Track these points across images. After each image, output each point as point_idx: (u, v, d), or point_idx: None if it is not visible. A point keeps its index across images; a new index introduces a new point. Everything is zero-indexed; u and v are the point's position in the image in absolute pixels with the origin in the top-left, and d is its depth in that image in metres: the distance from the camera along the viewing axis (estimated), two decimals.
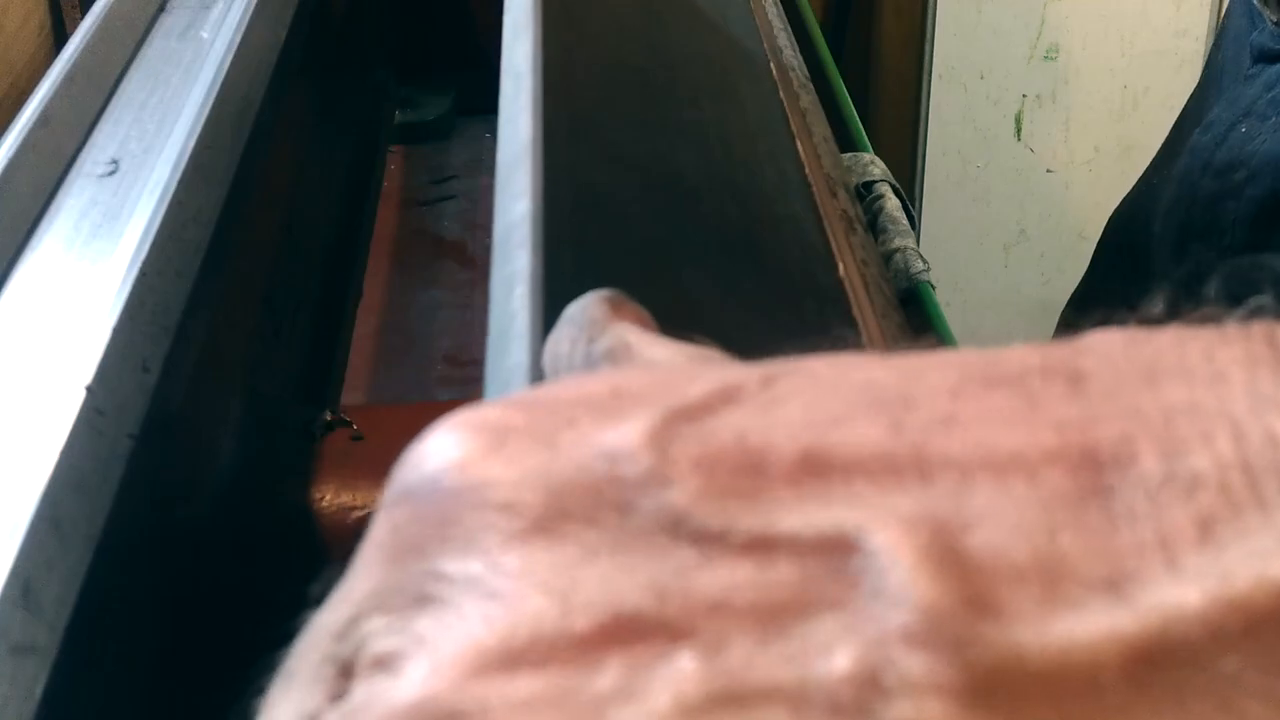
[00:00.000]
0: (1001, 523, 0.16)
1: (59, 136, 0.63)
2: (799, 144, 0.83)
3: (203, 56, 0.73)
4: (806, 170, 0.78)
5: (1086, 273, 0.70)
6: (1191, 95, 0.63)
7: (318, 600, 0.22)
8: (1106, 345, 0.20)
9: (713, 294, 0.57)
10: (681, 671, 0.15)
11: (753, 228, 0.66)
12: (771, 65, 0.91)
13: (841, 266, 0.77)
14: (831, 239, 0.77)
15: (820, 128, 0.97)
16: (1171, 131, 0.63)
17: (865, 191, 0.97)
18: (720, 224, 0.63)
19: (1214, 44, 0.62)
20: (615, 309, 0.27)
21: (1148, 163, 2.34)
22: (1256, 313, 0.19)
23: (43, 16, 1.26)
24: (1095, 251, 0.69)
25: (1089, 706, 0.15)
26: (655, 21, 0.79)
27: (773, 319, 0.60)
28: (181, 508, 0.57)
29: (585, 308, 0.27)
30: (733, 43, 0.88)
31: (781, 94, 0.88)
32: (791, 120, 0.92)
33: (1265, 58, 0.57)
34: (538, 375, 0.33)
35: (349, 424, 0.77)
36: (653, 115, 0.68)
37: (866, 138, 1.11)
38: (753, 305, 0.59)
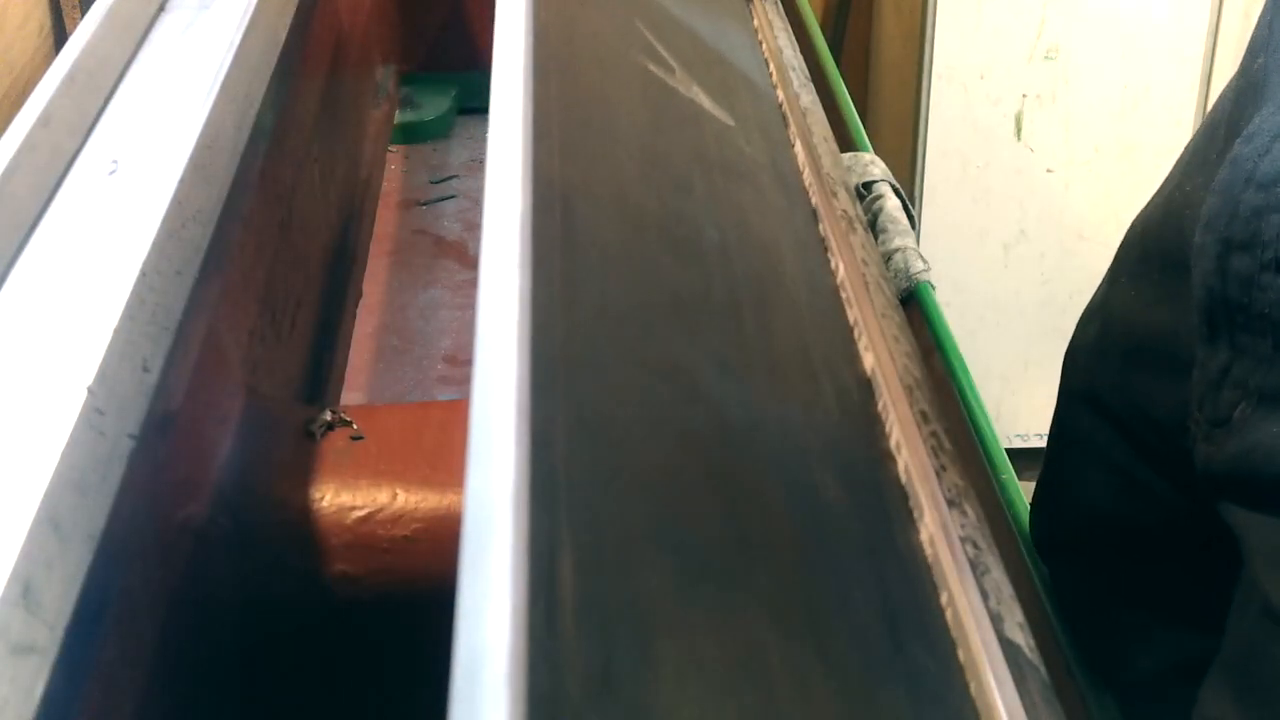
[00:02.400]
0: None
1: (59, 136, 0.63)
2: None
3: (203, 56, 0.73)
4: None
5: (1106, 282, 0.70)
6: (1224, 100, 0.63)
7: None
8: None
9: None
10: None
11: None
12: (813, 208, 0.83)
13: (842, 268, 0.77)
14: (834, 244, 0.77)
15: (820, 128, 0.97)
16: (1200, 139, 0.63)
17: (865, 191, 0.98)
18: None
19: (1249, 51, 0.62)
20: None
21: (1148, 162, 2.33)
22: None
23: (43, 16, 1.26)
24: (1117, 261, 0.69)
25: None
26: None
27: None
28: (181, 508, 0.57)
29: None
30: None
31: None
32: (792, 119, 0.92)
33: None
34: None
35: (349, 424, 0.77)
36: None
37: (866, 138, 1.11)
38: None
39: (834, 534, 0.54)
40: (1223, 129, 0.60)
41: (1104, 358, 0.68)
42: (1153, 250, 0.63)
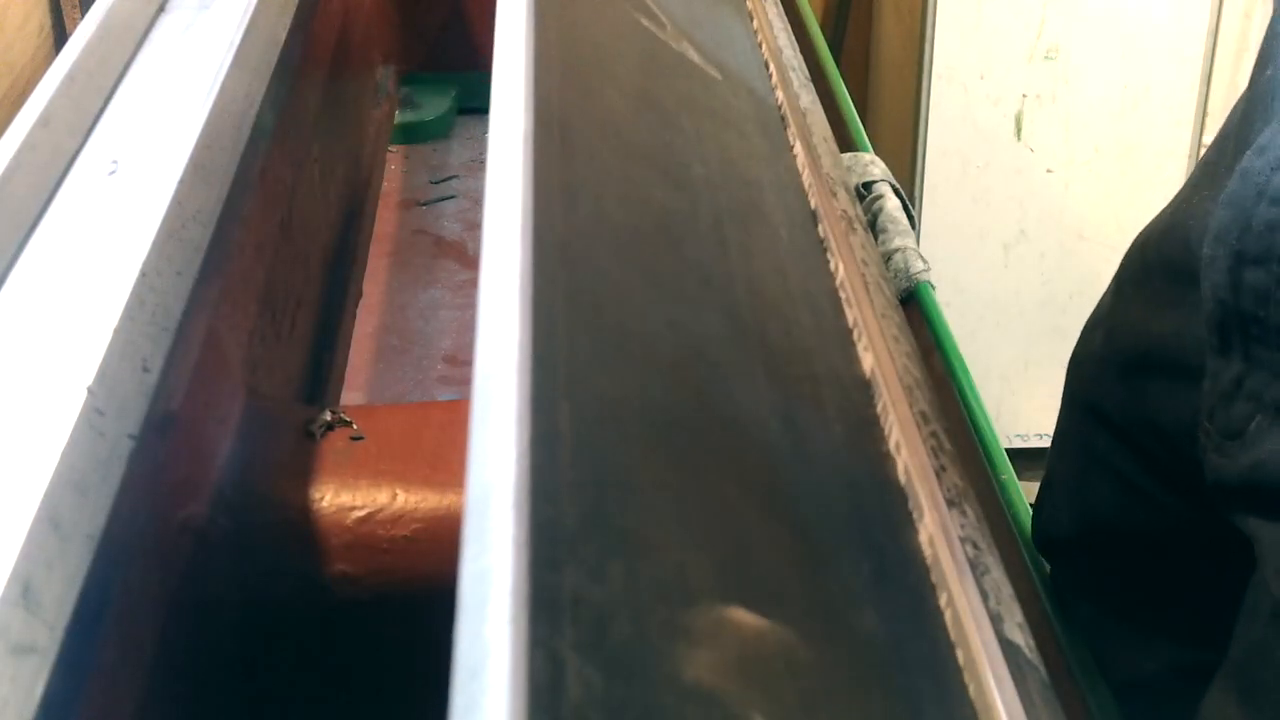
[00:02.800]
0: None
1: (59, 136, 0.63)
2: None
3: (203, 56, 0.73)
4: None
5: (1111, 292, 0.70)
6: (1234, 113, 0.63)
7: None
8: None
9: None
10: None
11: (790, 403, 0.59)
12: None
13: (841, 268, 0.77)
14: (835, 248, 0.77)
15: (820, 128, 0.97)
16: (1211, 151, 0.63)
17: (865, 191, 0.97)
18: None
19: (1258, 63, 0.62)
20: None
21: (1148, 162, 2.33)
22: None
23: (43, 16, 1.26)
24: (1120, 271, 0.69)
25: None
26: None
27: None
28: (181, 508, 0.57)
29: None
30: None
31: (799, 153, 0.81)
32: (792, 119, 0.92)
33: None
34: None
35: (349, 424, 0.77)
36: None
37: (866, 138, 1.11)
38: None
39: (833, 534, 0.54)
40: (1231, 141, 0.60)
41: (1108, 367, 0.68)
42: (1154, 261, 0.63)
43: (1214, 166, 0.60)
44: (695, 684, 0.39)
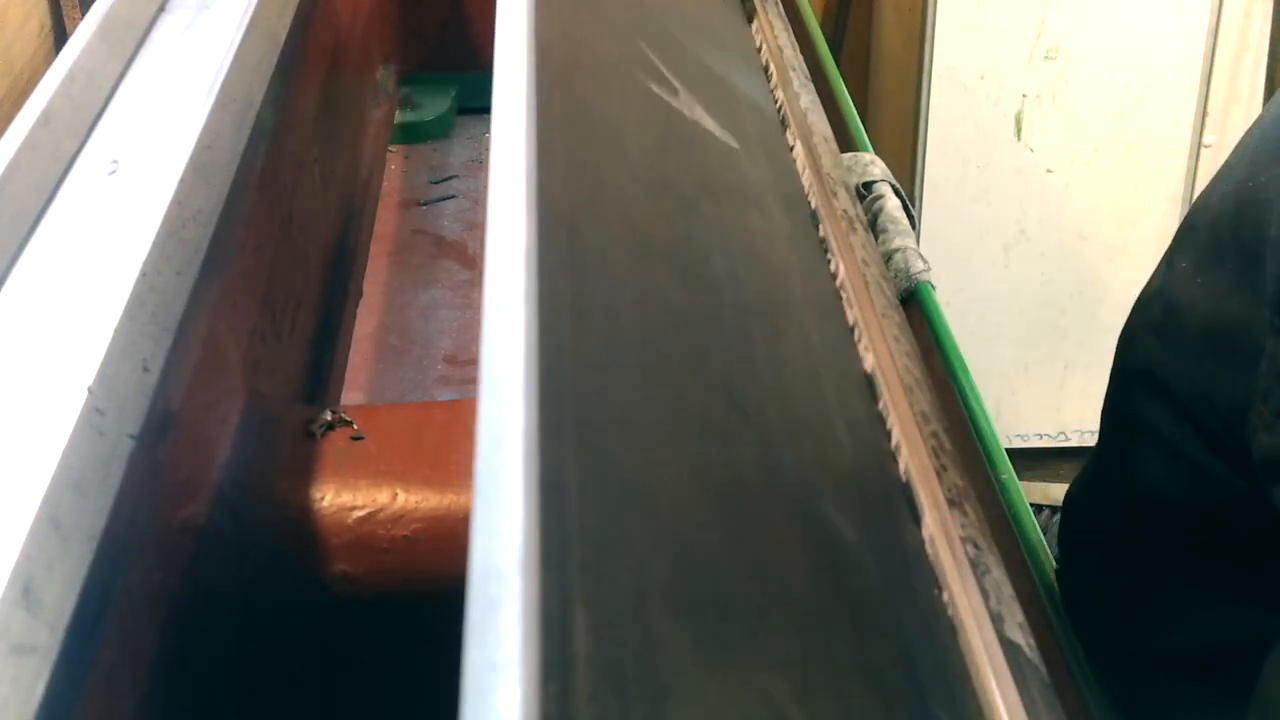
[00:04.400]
0: None
1: (59, 136, 0.63)
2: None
3: (203, 57, 0.73)
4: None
5: (1164, 265, 0.70)
6: None
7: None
8: None
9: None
10: None
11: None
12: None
13: (842, 268, 0.77)
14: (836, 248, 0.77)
15: (820, 128, 0.97)
16: (1269, 127, 0.63)
17: (865, 191, 0.98)
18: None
19: None
20: None
21: (1148, 162, 2.33)
22: None
23: (43, 16, 1.26)
24: (1178, 244, 0.68)
25: None
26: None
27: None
28: (181, 508, 0.57)
29: None
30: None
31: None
32: (792, 119, 0.92)
33: None
34: None
35: (349, 424, 0.77)
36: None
37: (866, 138, 1.11)
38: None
39: (836, 537, 0.54)
40: None
41: (1169, 341, 0.67)
42: (1226, 240, 0.63)
43: (1278, 144, 0.60)
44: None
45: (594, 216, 0.55)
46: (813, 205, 0.84)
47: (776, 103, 0.97)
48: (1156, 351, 0.69)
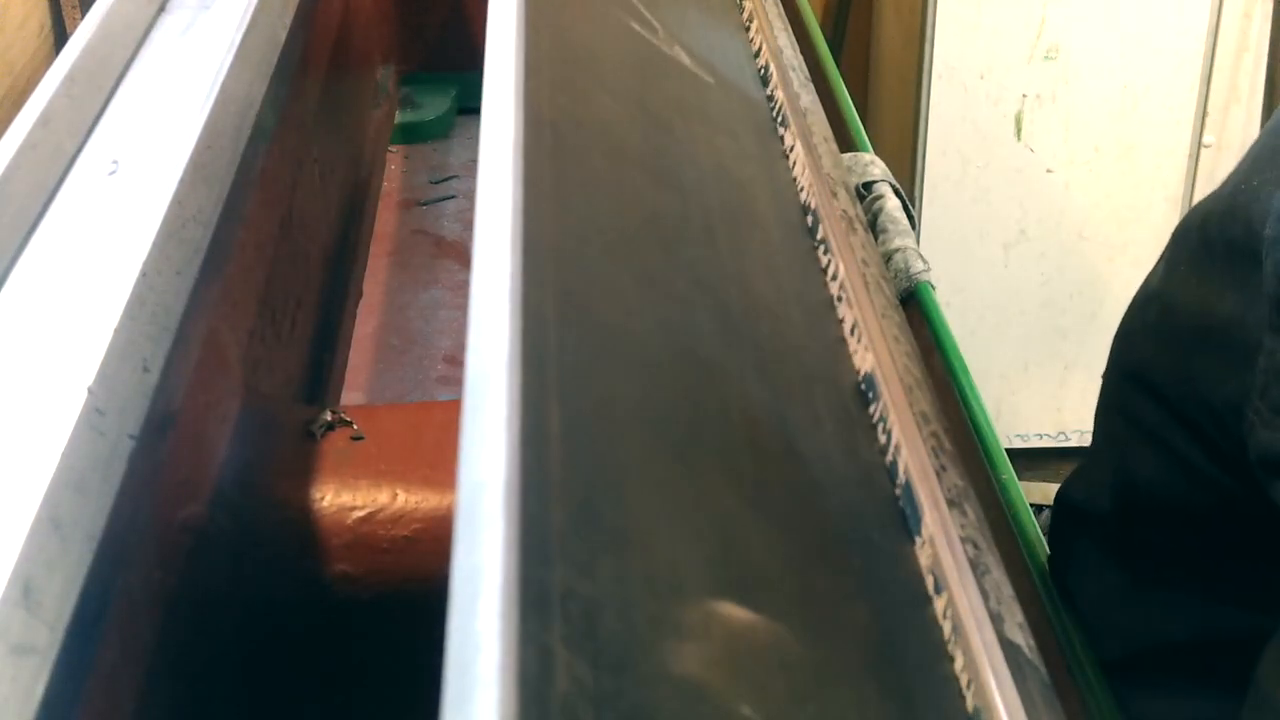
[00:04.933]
0: None
1: (59, 136, 0.63)
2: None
3: (203, 57, 0.73)
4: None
5: (1163, 267, 0.70)
6: None
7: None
8: None
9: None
10: None
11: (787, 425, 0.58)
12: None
13: (842, 267, 0.77)
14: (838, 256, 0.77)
15: (820, 128, 0.97)
16: (1271, 136, 0.64)
17: (865, 191, 0.97)
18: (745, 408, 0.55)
19: None
20: None
21: (1148, 162, 2.33)
22: None
23: (43, 16, 1.26)
24: (1174, 247, 0.69)
25: None
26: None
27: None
28: (181, 508, 0.57)
29: None
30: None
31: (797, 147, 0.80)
32: (792, 119, 0.92)
33: None
34: None
35: (349, 424, 0.77)
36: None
37: (866, 138, 1.11)
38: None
39: (834, 533, 0.54)
40: None
41: (1162, 342, 0.68)
42: (1216, 240, 0.63)
43: (1274, 149, 0.61)
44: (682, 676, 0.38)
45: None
46: (812, 204, 0.84)
47: (772, 87, 0.97)
48: (1149, 350, 0.69)
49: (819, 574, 0.51)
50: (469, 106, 1.61)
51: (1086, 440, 0.81)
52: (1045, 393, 2.34)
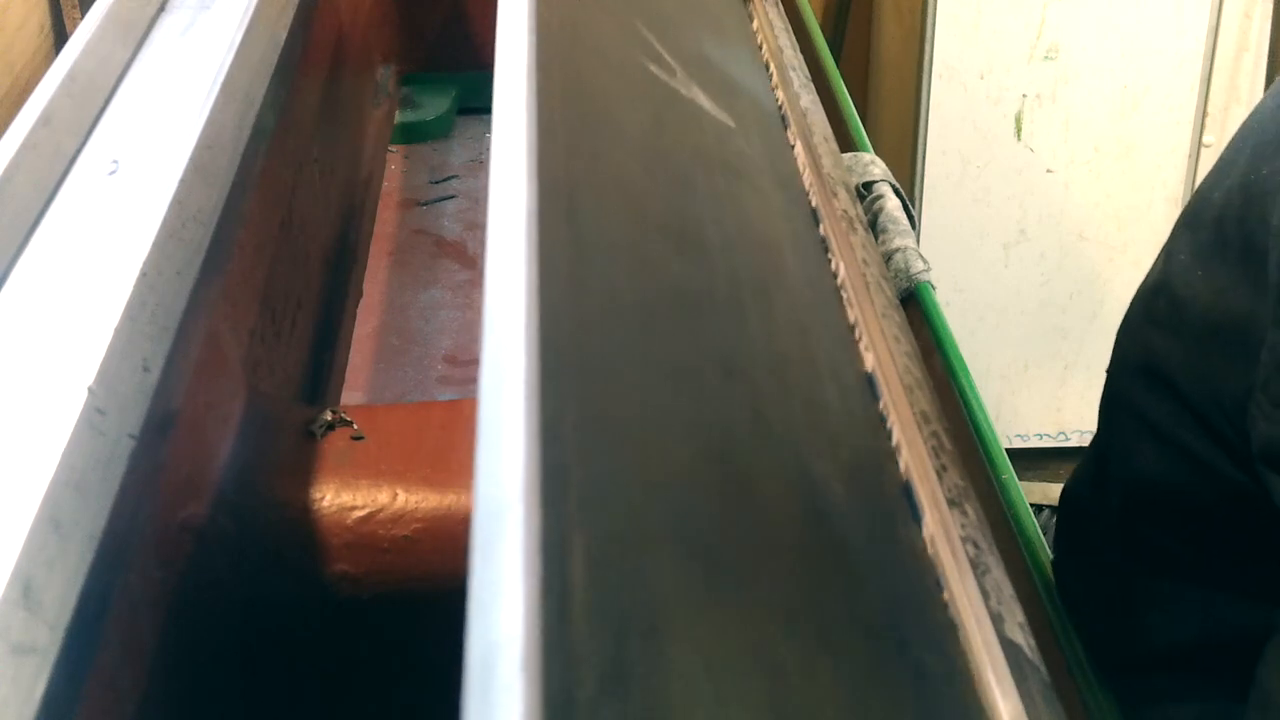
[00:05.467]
0: None
1: (59, 136, 0.63)
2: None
3: (203, 57, 0.73)
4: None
5: (1164, 258, 0.70)
6: None
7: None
8: None
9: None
10: None
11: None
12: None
13: (842, 268, 0.77)
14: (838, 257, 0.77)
15: (820, 128, 0.97)
16: (1268, 120, 0.63)
17: (865, 191, 0.97)
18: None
19: None
20: None
21: (1148, 162, 2.33)
22: None
23: (43, 16, 1.26)
24: (1179, 238, 0.69)
25: None
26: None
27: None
28: (181, 508, 0.57)
29: None
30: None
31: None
32: (792, 119, 0.92)
33: None
34: None
35: (349, 424, 0.77)
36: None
37: (866, 138, 1.11)
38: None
39: (835, 533, 0.54)
40: None
41: (1172, 334, 0.67)
42: (1232, 235, 0.63)
43: (1277, 140, 0.60)
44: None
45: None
46: (813, 204, 0.84)
47: (773, 87, 0.97)
48: (1158, 344, 0.69)
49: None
50: (469, 106, 1.61)
51: (1086, 440, 0.81)
52: (1045, 393, 2.34)
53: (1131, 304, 0.73)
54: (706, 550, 0.45)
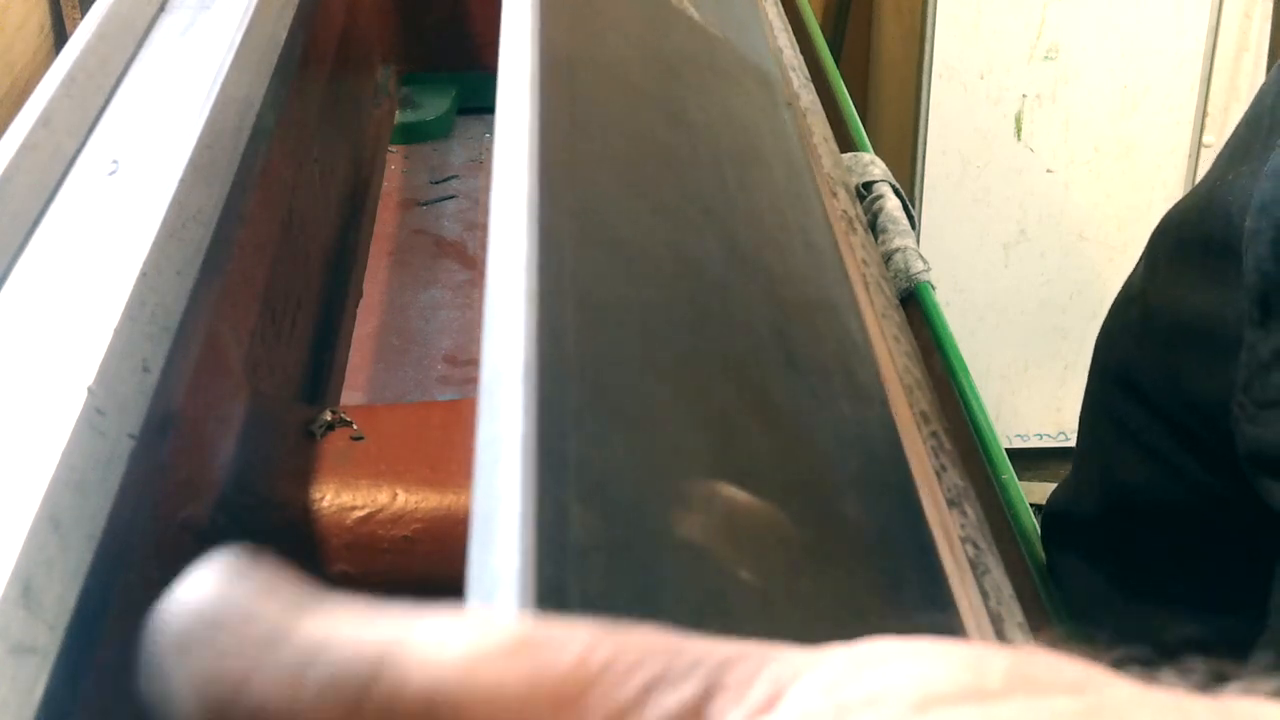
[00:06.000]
0: None
1: (59, 136, 0.63)
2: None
3: (203, 57, 0.73)
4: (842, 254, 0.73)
5: (1143, 269, 0.70)
6: (1265, 94, 0.63)
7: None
8: None
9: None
10: None
11: (788, 324, 0.59)
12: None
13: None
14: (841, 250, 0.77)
15: (820, 128, 0.97)
16: (1243, 130, 0.64)
17: (865, 191, 0.98)
18: (750, 321, 0.57)
19: None
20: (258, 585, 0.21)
21: (1148, 162, 2.33)
22: None
23: (43, 16, 1.26)
24: (1152, 249, 0.69)
25: None
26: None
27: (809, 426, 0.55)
28: (181, 508, 0.57)
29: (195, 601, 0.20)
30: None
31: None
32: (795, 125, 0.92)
33: None
34: (530, 582, 0.29)
35: (349, 424, 0.77)
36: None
37: (866, 138, 1.11)
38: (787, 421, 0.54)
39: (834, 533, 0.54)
40: (1266, 119, 0.60)
41: (1144, 342, 0.68)
42: (1191, 238, 0.63)
43: (1248, 144, 0.61)
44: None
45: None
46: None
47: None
48: (1132, 353, 0.69)
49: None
50: (469, 106, 1.61)
51: None
52: (1045, 393, 2.34)
53: (1108, 313, 0.74)
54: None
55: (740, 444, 0.46)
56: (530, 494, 0.31)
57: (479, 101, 1.58)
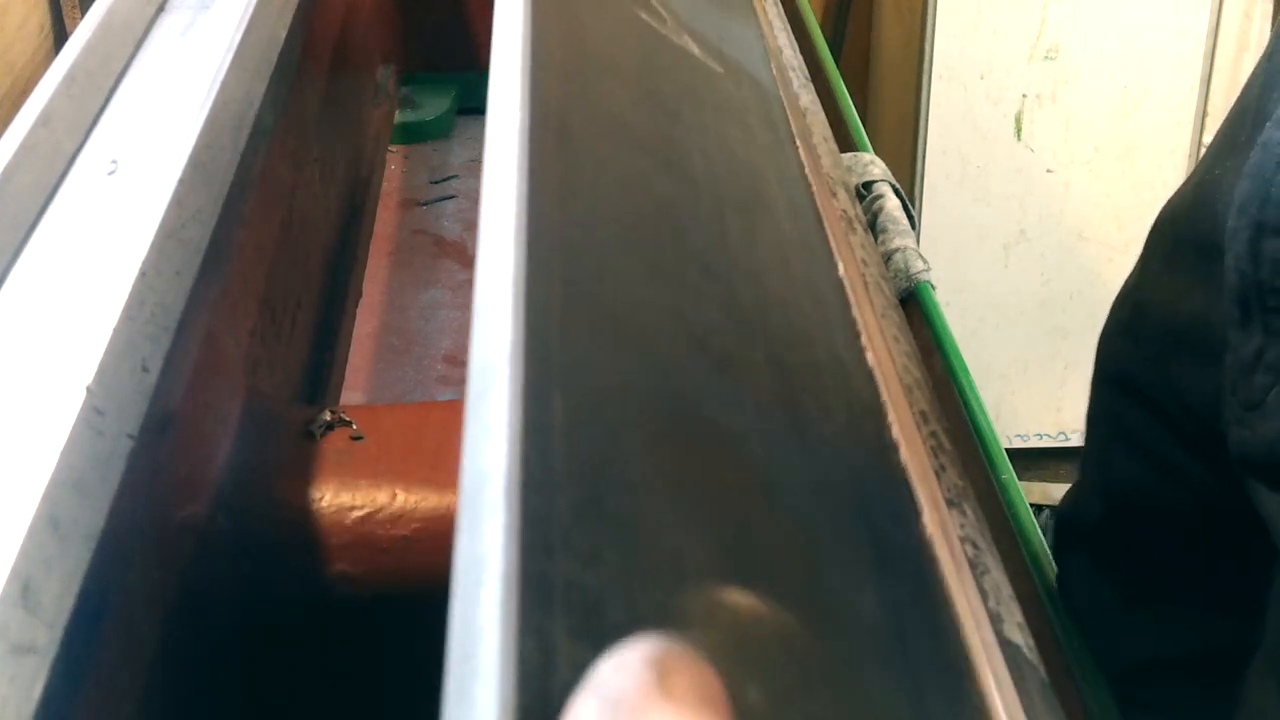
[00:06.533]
0: None
1: (59, 136, 0.63)
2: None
3: (202, 57, 0.73)
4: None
5: (1138, 268, 0.70)
6: (1251, 86, 0.63)
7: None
8: None
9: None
10: None
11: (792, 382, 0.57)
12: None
13: (841, 267, 0.77)
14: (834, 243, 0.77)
15: (820, 128, 0.97)
16: (1228, 125, 0.63)
17: (865, 191, 0.98)
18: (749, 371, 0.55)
19: (1276, 34, 0.62)
20: (664, 683, 0.19)
21: (1148, 162, 2.33)
22: None
23: (43, 16, 1.26)
24: (1148, 247, 0.69)
25: None
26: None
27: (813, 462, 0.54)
28: (181, 508, 0.57)
29: (618, 679, 0.20)
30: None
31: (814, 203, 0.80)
32: (793, 121, 0.92)
33: None
34: None
35: (349, 424, 0.77)
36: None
37: (866, 138, 1.11)
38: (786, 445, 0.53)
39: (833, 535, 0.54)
40: (1251, 114, 0.60)
41: (1139, 343, 0.68)
42: (1185, 236, 0.63)
43: (1234, 139, 0.61)
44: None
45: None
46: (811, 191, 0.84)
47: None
48: (1127, 354, 0.69)
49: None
50: (469, 106, 1.61)
51: None
52: (1045, 393, 2.34)
53: (1108, 315, 0.74)
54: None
55: (747, 542, 0.45)
56: (512, 634, 0.29)
57: (479, 101, 1.58)
